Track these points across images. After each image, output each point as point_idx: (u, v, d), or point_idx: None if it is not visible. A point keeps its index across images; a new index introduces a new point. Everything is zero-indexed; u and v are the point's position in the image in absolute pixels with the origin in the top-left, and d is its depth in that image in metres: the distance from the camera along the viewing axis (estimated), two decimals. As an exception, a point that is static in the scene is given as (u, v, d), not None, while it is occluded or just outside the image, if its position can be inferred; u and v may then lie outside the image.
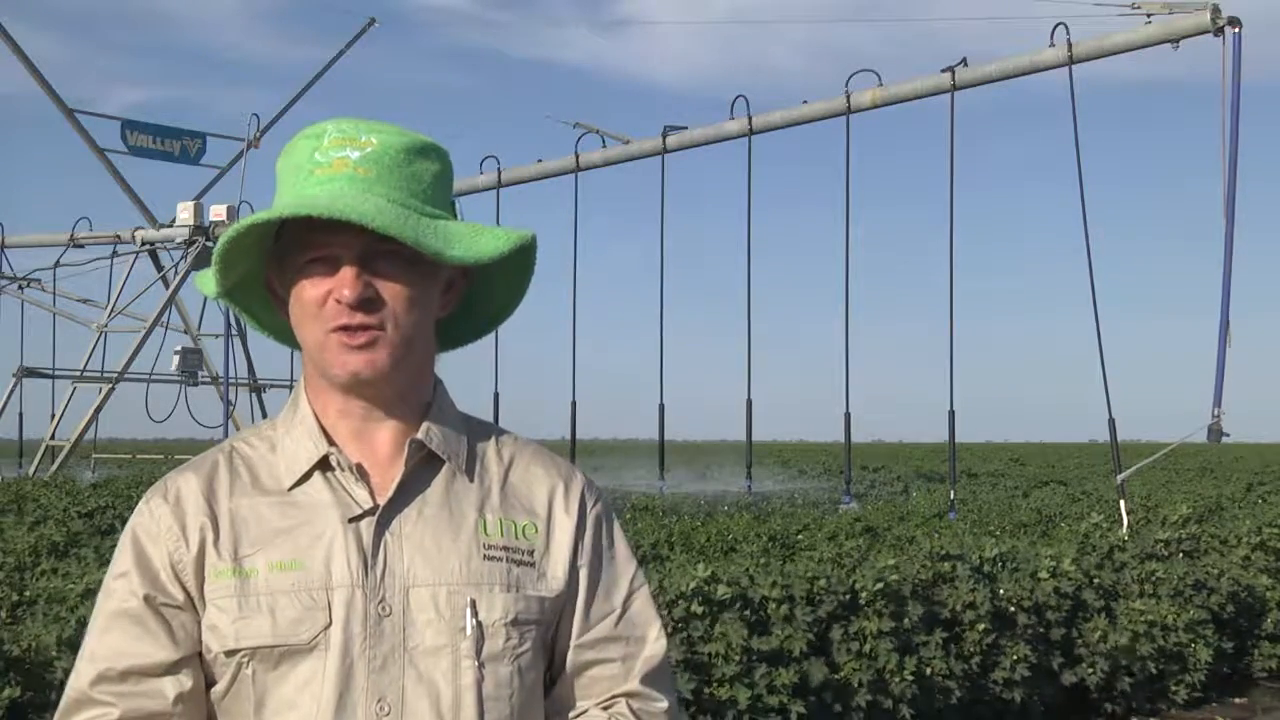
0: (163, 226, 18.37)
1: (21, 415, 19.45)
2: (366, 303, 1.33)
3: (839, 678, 5.07)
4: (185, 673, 1.33)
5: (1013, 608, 5.90)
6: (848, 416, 11.13)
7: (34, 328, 23.55)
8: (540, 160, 13.72)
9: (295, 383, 1.50)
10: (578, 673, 1.44)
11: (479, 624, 1.35)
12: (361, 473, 1.39)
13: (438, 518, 1.39)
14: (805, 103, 11.67)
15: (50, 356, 19.48)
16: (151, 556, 1.36)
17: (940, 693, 5.39)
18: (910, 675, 5.18)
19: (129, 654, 1.33)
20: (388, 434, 1.41)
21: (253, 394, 19.62)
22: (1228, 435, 8.50)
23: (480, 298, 1.50)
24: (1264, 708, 7.01)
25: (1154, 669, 6.43)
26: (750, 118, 11.81)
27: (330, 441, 1.40)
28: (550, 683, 1.45)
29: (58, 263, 18.97)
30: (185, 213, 17.82)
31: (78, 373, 18.61)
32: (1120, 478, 8.91)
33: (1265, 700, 7.15)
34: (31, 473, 17.07)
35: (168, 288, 18.45)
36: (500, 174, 13.81)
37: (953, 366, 10.01)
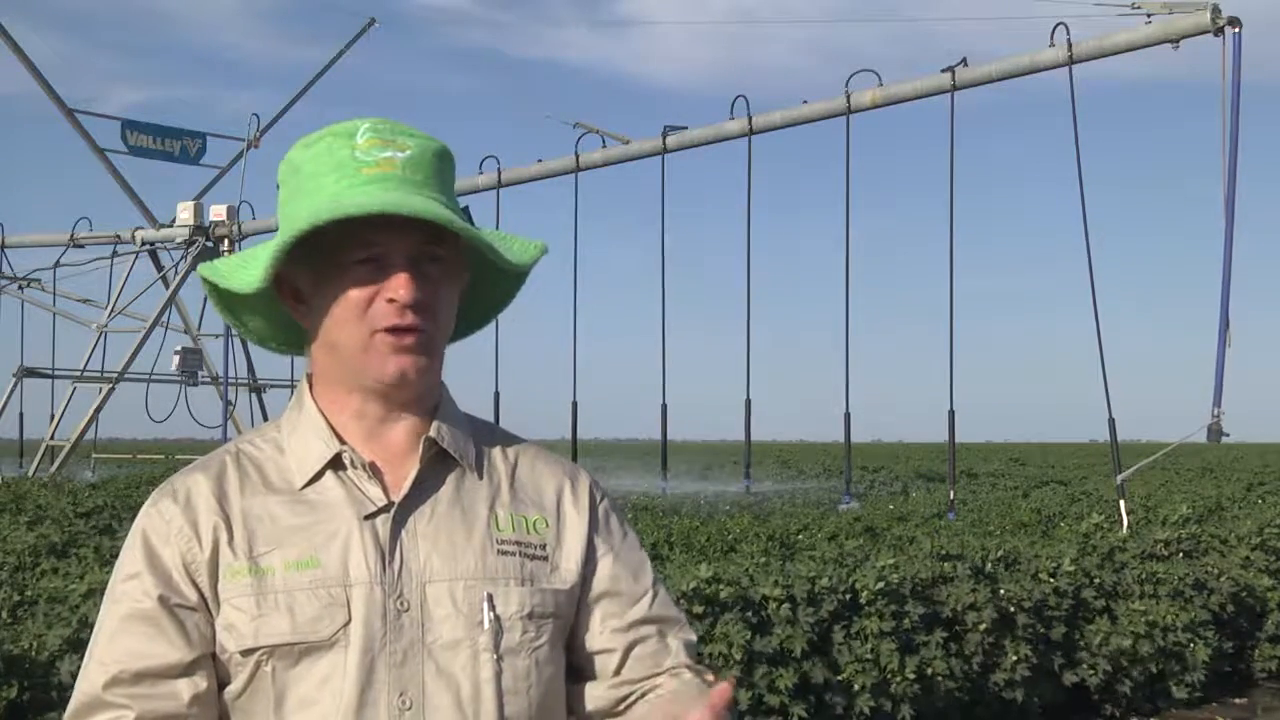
0: (163, 226, 18.37)
1: (21, 415, 19.45)
2: (418, 304, 1.34)
3: (840, 678, 5.07)
4: (200, 674, 1.34)
5: (1013, 608, 5.90)
6: (847, 416, 11.13)
7: (34, 328, 23.58)
8: (540, 160, 13.71)
9: (296, 383, 1.50)
10: (624, 654, 1.45)
11: (496, 618, 1.36)
12: (374, 470, 1.40)
13: (451, 514, 1.40)
14: (805, 103, 11.65)
15: (50, 356, 19.48)
16: (163, 557, 1.36)
17: (941, 693, 5.39)
18: (911, 675, 5.18)
19: (143, 655, 1.32)
20: (400, 433, 1.42)
21: (253, 394, 19.60)
22: (1228, 435, 8.48)
23: (474, 300, 1.51)
24: (1264, 708, 7.01)
25: (1154, 669, 6.43)
26: (750, 118, 11.80)
27: (340, 440, 1.41)
28: (581, 670, 1.46)
29: (58, 263, 18.95)
30: (185, 213, 17.82)
31: (78, 373, 18.60)
32: (1120, 478, 8.90)
33: (1265, 700, 7.15)
34: (31, 473, 17.05)
35: (168, 288, 18.45)
36: (500, 174, 13.79)
37: (953, 366, 10.01)
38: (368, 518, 1.37)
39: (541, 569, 1.42)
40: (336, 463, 1.40)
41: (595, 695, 1.46)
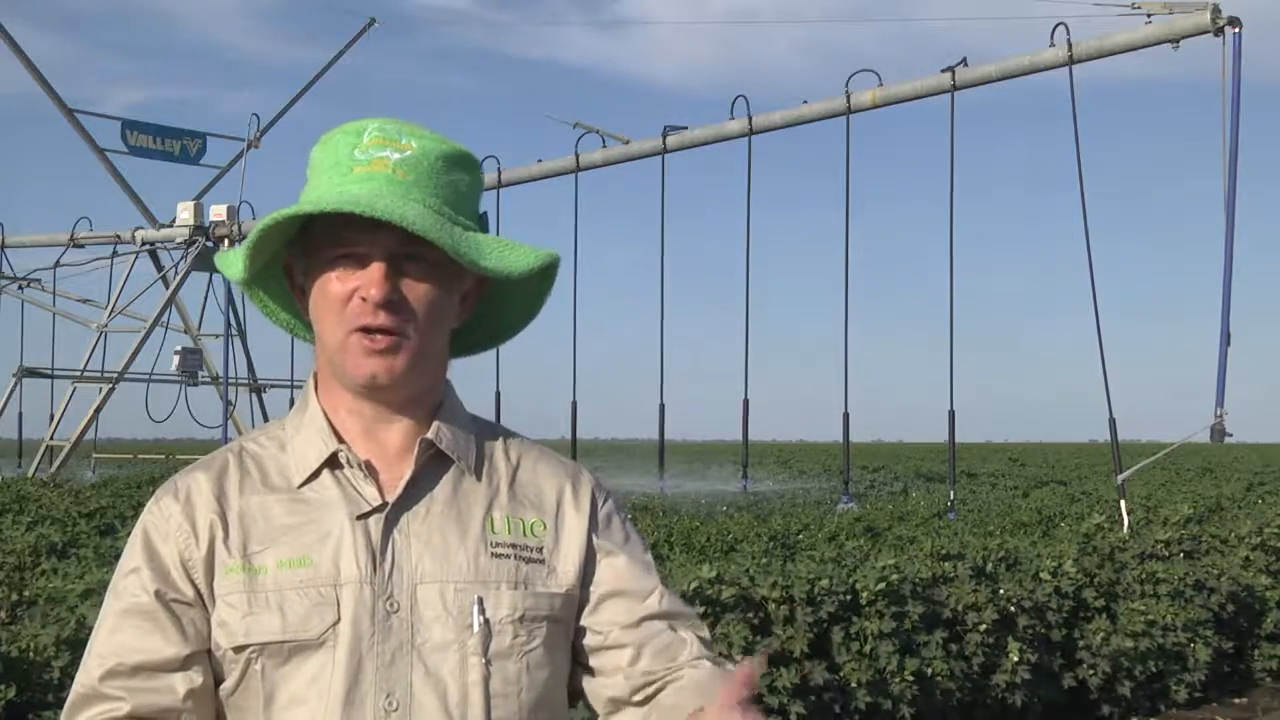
0: (163, 226, 18.39)
1: (21, 415, 19.49)
2: (391, 304, 1.34)
3: (839, 678, 5.07)
4: (196, 669, 1.34)
5: (1013, 608, 5.89)
6: (846, 416, 11.13)
7: (34, 328, 23.56)
8: (540, 160, 13.72)
9: (296, 383, 1.50)
10: (637, 649, 1.43)
11: (486, 621, 1.35)
12: (370, 470, 1.40)
13: (445, 515, 1.40)
14: (805, 103, 11.67)
15: (50, 356, 19.51)
16: (162, 554, 1.37)
17: (941, 693, 5.39)
18: (911, 676, 5.17)
19: (140, 649, 1.33)
20: (398, 433, 1.42)
21: (253, 394, 19.60)
22: (1230, 435, 8.49)
23: (493, 311, 1.51)
24: (1264, 708, 7.01)
25: (1154, 669, 6.43)
26: (750, 118, 11.81)
27: (340, 439, 1.41)
28: (595, 670, 1.45)
29: (58, 263, 18.99)
30: (185, 213, 17.84)
31: (78, 373, 18.60)
32: (1120, 478, 8.90)
33: (1265, 700, 7.15)
34: (31, 473, 17.05)
35: (168, 288, 18.45)
36: (500, 174, 13.79)
37: (953, 366, 10.01)
38: (360, 517, 1.37)
39: (537, 572, 1.41)
40: (334, 461, 1.40)
41: (612, 684, 1.43)
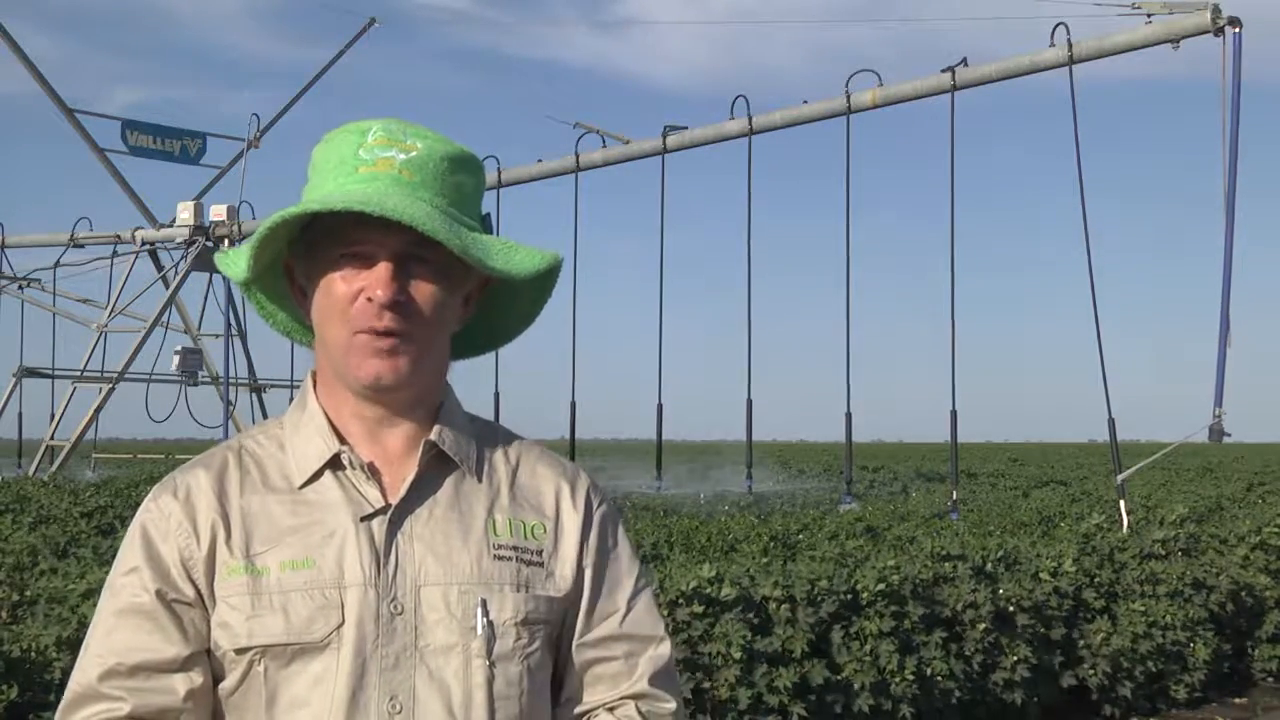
0: (163, 226, 18.37)
1: (21, 415, 19.45)
2: (398, 306, 1.33)
3: (840, 678, 5.07)
4: (196, 669, 1.34)
5: (1013, 608, 5.90)
6: (848, 416, 11.11)
7: (34, 328, 23.52)
8: (540, 160, 13.71)
9: (296, 383, 1.50)
10: (582, 671, 1.44)
11: (490, 623, 1.35)
12: (373, 472, 1.39)
13: (448, 518, 1.40)
14: (805, 103, 11.65)
15: (50, 356, 19.49)
16: (162, 553, 1.36)
17: (940, 693, 5.39)
18: (911, 676, 5.17)
19: (140, 649, 1.32)
20: (400, 435, 1.42)
21: (253, 394, 19.59)
22: (1229, 435, 8.48)
23: (494, 312, 1.50)
24: (1264, 708, 7.01)
25: (1154, 669, 6.43)
26: (750, 118, 11.79)
27: (341, 440, 1.40)
28: (556, 681, 1.45)
29: (58, 263, 18.96)
30: (185, 213, 17.82)
31: (78, 373, 18.59)
32: (1120, 478, 8.90)
33: (1265, 700, 7.15)
34: (31, 473, 17.04)
35: (168, 288, 18.44)
36: (500, 174, 13.78)
37: (954, 366, 10.01)
38: (364, 519, 1.37)
39: (537, 574, 1.41)
40: (335, 463, 1.40)
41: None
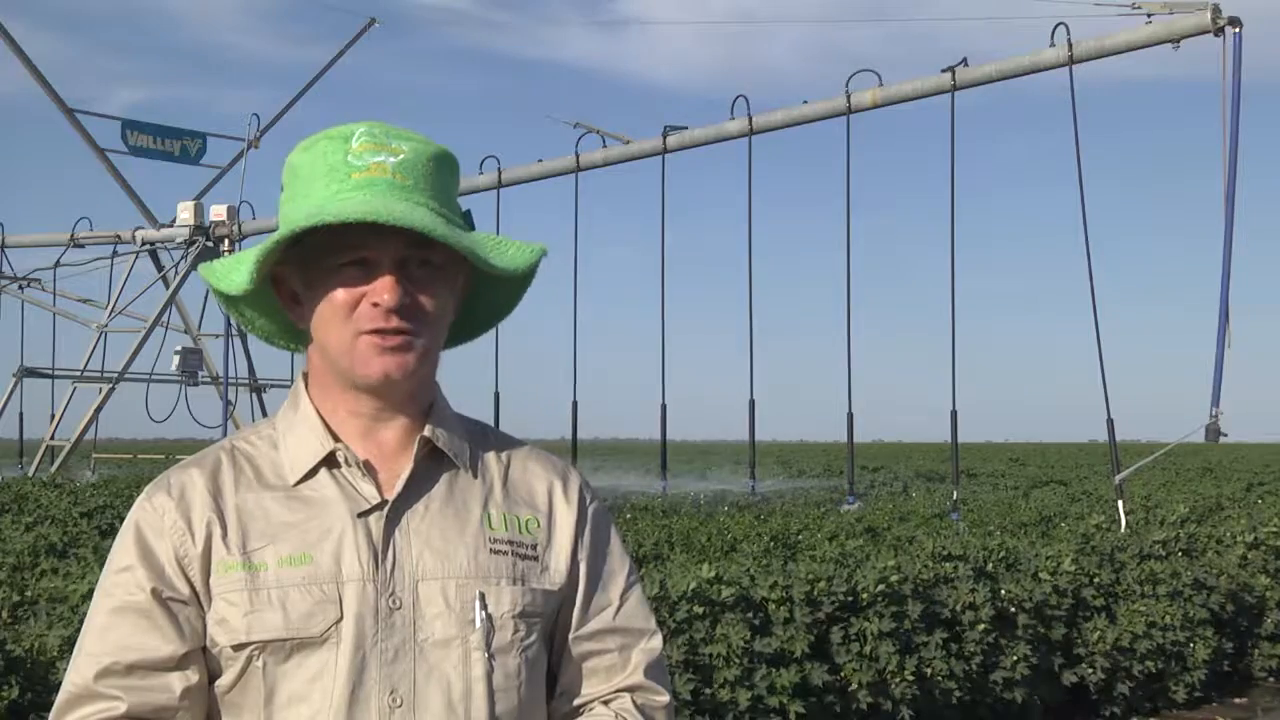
0: (163, 226, 18.37)
1: (21, 415, 19.44)
2: (404, 308, 1.35)
3: (839, 678, 5.07)
4: (192, 667, 1.34)
5: (1013, 608, 5.90)
6: (850, 416, 11.10)
7: (34, 328, 23.55)
8: (540, 160, 13.71)
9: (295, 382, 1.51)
10: (577, 663, 1.46)
11: (488, 617, 1.37)
12: (368, 469, 1.40)
13: (444, 513, 1.41)
14: (805, 103, 11.65)
15: (50, 356, 19.49)
16: (156, 551, 1.37)
17: (940, 693, 5.39)
18: (910, 676, 5.18)
19: (135, 648, 1.33)
20: (395, 432, 1.43)
21: (253, 394, 19.60)
22: (1225, 435, 8.48)
23: (474, 305, 1.51)
24: (1264, 708, 7.01)
25: (1154, 669, 6.43)
26: (750, 118, 11.79)
27: (335, 438, 1.42)
28: (550, 674, 1.47)
29: (58, 263, 18.95)
30: (185, 213, 17.82)
31: (78, 373, 18.59)
32: (1119, 478, 8.91)
33: (1265, 700, 7.15)
34: (31, 473, 17.04)
35: (168, 288, 18.44)
36: (500, 174, 13.78)
37: (954, 366, 10.01)
38: (361, 515, 1.38)
39: (532, 568, 1.42)
40: (331, 460, 1.41)
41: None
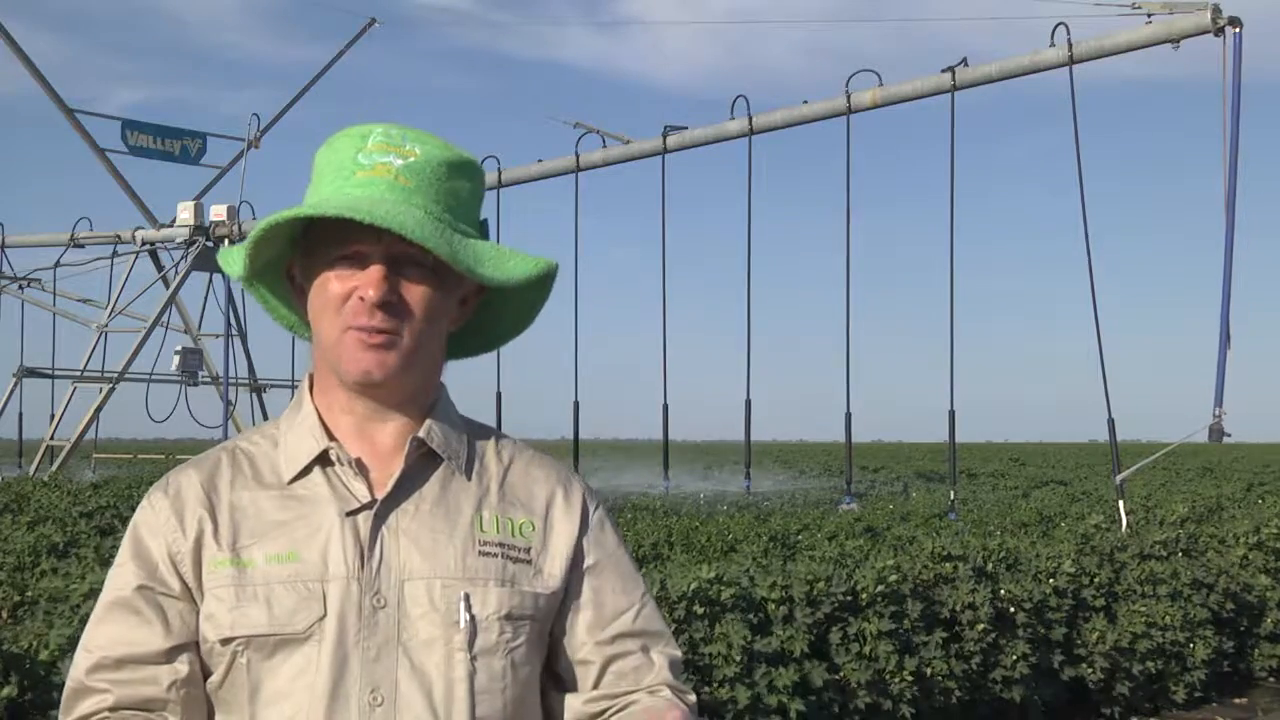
0: (163, 226, 18.39)
1: (21, 415, 19.48)
2: (388, 305, 1.36)
3: (839, 678, 5.07)
4: (181, 660, 1.36)
5: (1013, 608, 5.90)
6: (848, 416, 11.12)
7: (34, 328, 23.58)
8: (540, 160, 13.72)
9: (296, 383, 1.52)
10: (603, 668, 1.45)
11: (472, 618, 1.37)
12: (361, 467, 1.42)
13: (434, 513, 1.41)
14: (805, 103, 11.66)
15: (50, 356, 19.52)
16: (150, 548, 1.39)
17: (940, 693, 5.39)
18: (910, 675, 5.18)
19: (124, 641, 1.36)
20: (390, 431, 1.44)
21: (253, 394, 19.62)
22: (1229, 435, 8.48)
23: (492, 315, 1.53)
24: (1264, 708, 7.01)
25: (1153, 669, 6.43)
26: (750, 118, 11.81)
27: (331, 437, 1.43)
28: (562, 679, 1.46)
29: (58, 263, 18.99)
30: (185, 213, 17.84)
31: (78, 373, 18.60)
32: (1119, 478, 8.90)
33: (1265, 700, 7.15)
34: (31, 473, 17.05)
35: (168, 288, 18.45)
36: (500, 174, 13.79)
37: (953, 366, 10.01)
38: (350, 514, 1.39)
39: (524, 571, 1.42)
40: (325, 459, 1.42)
41: (572, 708, 1.45)
